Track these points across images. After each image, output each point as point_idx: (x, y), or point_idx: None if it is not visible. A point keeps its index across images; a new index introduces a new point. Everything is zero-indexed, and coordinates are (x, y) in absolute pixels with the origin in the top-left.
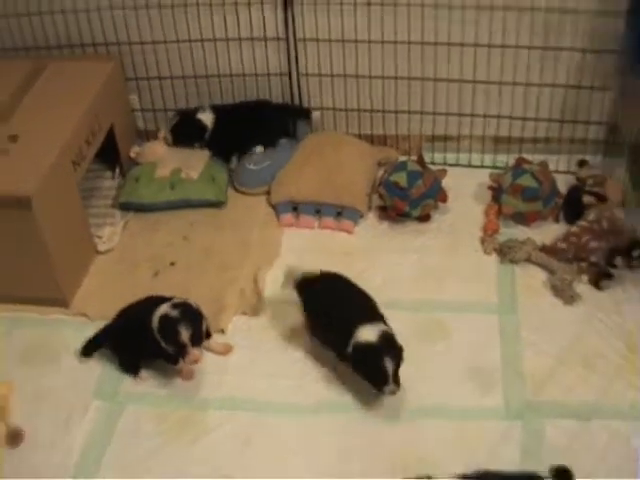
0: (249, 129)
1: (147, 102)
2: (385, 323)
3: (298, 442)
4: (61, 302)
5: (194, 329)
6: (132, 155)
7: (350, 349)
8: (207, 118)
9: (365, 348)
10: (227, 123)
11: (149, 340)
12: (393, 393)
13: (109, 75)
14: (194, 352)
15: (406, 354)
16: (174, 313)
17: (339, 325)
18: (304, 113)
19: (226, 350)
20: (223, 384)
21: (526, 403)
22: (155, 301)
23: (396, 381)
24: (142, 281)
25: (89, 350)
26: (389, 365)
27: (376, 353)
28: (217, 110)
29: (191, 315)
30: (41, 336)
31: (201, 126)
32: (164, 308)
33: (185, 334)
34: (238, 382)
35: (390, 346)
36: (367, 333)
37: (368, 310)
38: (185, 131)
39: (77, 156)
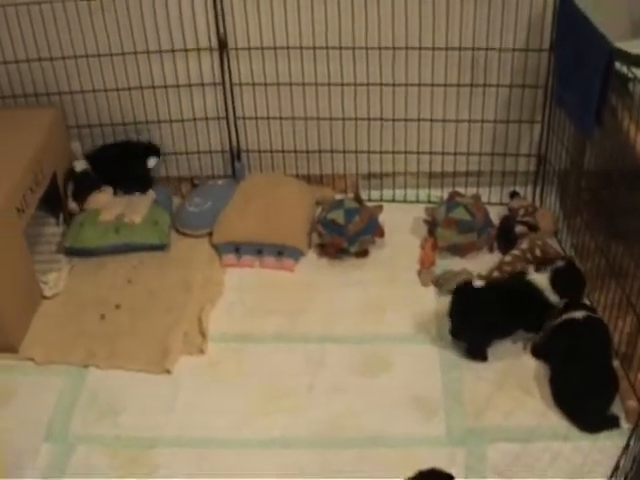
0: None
1: (89, 149)
2: None
3: (245, 478)
4: (9, 347)
5: None
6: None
7: None
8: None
9: None
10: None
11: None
12: None
13: (51, 123)
14: None
15: (350, 387)
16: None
17: None
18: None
19: None
20: (170, 423)
21: (467, 429)
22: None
23: None
24: (89, 324)
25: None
26: None
27: None
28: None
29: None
30: None
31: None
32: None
33: None
34: (185, 420)
35: None
36: None
37: None
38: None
39: (21, 203)
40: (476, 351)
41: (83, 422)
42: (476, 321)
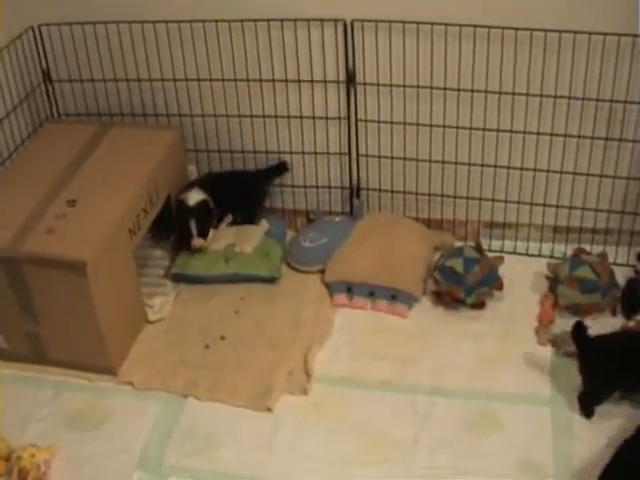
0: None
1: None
2: None
3: None
4: (109, 370)
5: None
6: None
7: None
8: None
9: None
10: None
11: None
12: None
13: (170, 145)
14: None
15: (456, 444)
16: None
17: None
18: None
19: None
20: (267, 462)
21: None
22: None
23: None
24: (192, 353)
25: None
26: None
27: None
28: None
29: None
30: (87, 402)
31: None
32: None
33: None
34: (282, 461)
35: None
36: None
37: None
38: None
39: (134, 225)
40: (586, 403)
41: (178, 453)
42: (596, 370)
